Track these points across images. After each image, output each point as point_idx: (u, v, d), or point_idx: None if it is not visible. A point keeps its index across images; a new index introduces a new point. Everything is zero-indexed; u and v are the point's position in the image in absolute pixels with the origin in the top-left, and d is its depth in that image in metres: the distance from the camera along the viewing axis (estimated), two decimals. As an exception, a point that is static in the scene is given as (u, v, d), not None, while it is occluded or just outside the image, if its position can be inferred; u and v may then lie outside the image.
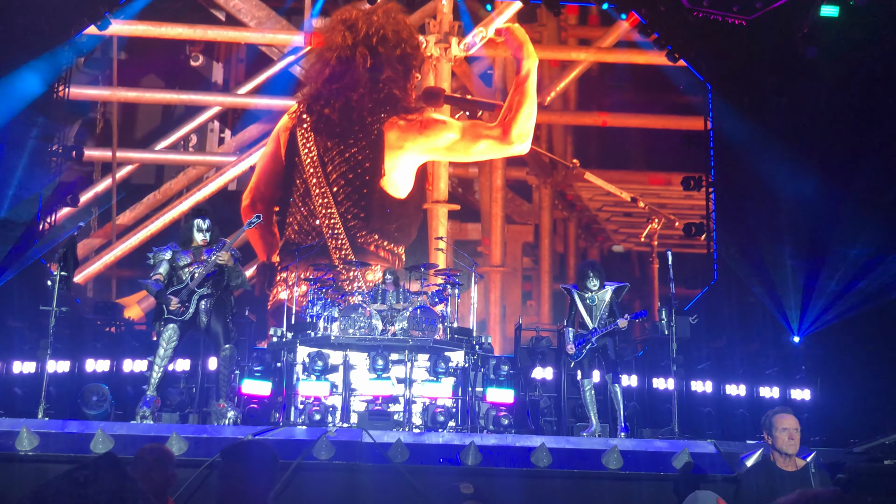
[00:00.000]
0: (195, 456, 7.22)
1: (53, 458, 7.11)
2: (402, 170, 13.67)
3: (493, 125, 13.94)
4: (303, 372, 9.47)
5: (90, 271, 14.50)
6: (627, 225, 16.24)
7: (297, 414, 9.32)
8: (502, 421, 9.32)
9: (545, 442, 7.67)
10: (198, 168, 15.52)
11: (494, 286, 15.11)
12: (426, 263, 11.03)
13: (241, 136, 15.60)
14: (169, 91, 15.77)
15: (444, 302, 10.05)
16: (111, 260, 14.62)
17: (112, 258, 14.61)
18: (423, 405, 9.49)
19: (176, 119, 16.13)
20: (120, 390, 10.12)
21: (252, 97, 15.38)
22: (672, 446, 7.98)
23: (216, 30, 15.16)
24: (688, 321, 10.10)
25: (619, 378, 9.22)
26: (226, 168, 14.98)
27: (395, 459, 7.40)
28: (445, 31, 14.55)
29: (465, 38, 14.58)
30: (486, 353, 9.94)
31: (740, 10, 11.58)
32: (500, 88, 15.43)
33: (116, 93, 15.09)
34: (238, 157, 15.03)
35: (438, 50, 14.47)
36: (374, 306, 9.71)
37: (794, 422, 5.33)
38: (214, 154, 15.82)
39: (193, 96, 15.55)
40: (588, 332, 9.20)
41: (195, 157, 15.83)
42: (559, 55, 15.98)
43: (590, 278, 9.30)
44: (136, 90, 15.51)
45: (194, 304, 8.47)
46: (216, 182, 14.90)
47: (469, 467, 7.47)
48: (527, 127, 13.90)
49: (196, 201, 14.28)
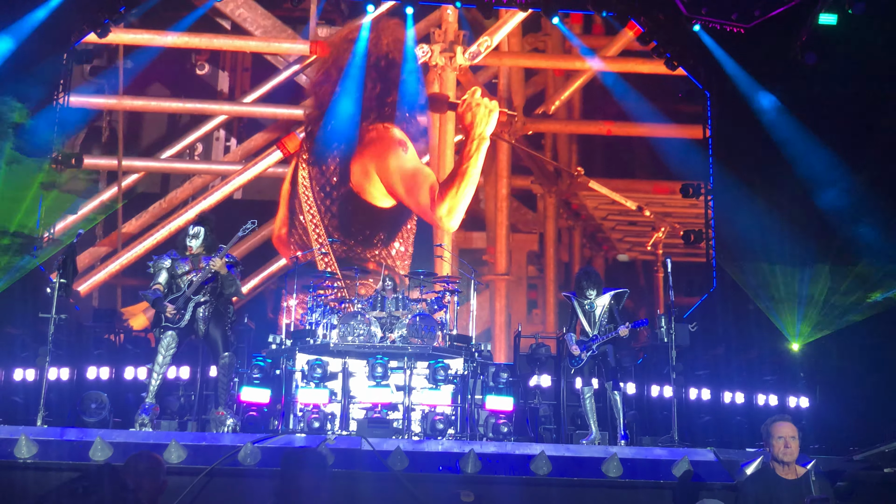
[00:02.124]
0: (194, 463, 7.25)
1: (52, 466, 7.14)
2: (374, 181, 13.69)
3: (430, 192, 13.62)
4: (302, 379, 9.48)
5: (95, 280, 14.56)
6: (632, 234, 16.23)
7: (296, 421, 9.33)
8: (502, 429, 9.30)
9: (545, 450, 7.68)
10: (203, 177, 15.57)
11: (499, 295, 15.12)
12: (425, 270, 11.05)
13: (247, 145, 15.65)
14: (174, 100, 15.82)
15: (443, 309, 10.06)
16: (116, 269, 14.67)
17: (117, 267, 14.66)
18: (423, 413, 9.49)
19: (181, 128, 16.20)
20: (121, 398, 10.15)
21: (258, 106, 15.43)
22: (672, 454, 7.97)
23: (222, 38, 15.21)
24: (687, 329, 10.09)
25: (618, 385, 9.21)
26: (231, 177, 15.02)
27: (394, 467, 7.41)
28: (450, 41, 14.61)
29: (469, 48, 14.62)
30: (485, 360, 9.93)
31: (739, 18, 11.61)
32: (505, 97, 15.46)
33: (122, 101, 15.15)
34: (243, 166, 15.09)
35: (443, 59, 14.53)
36: (374, 314, 9.73)
37: (790, 430, 5.32)
38: (220, 163, 15.87)
39: (199, 105, 15.61)
40: (589, 339, 9.21)
41: (200, 166, 15.86)
42: (561, 64, 15.99)
43: (585, 287, 9.32)
44: (142, 98, 15.58)
45: (190, 311, 8.51)
46: (222, 191, 14.93)
47: (468, 475, 7.48)
48: (459, 207, 13.53)
49: (201, 210, 14.32)
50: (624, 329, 9.02)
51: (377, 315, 9.73)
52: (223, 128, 16.18)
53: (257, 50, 15.50)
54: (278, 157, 14.77)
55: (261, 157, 15.00)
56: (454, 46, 14.55)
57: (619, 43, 15.16)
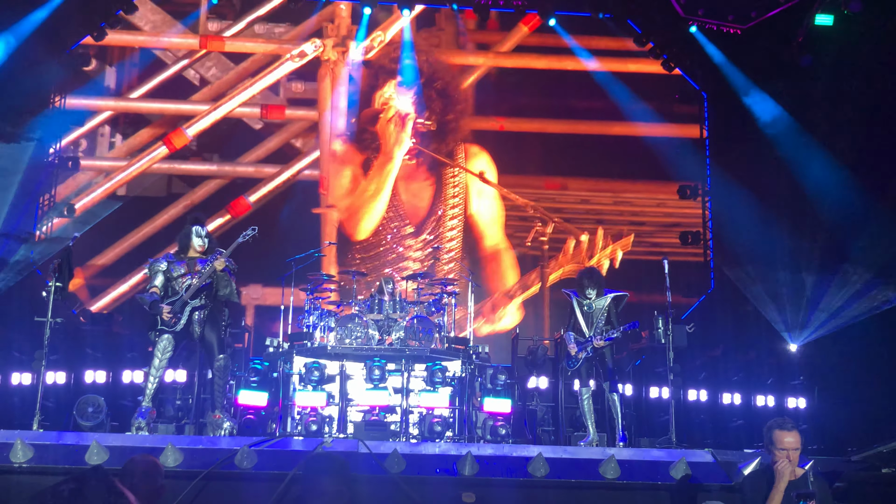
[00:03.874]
0: (190, 467, 7.22)
1: (48, 471, 7.07)
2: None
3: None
4: (299, 382, 9.46)
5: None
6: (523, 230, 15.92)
7: (294, 424, 9.31)
8: (499, 431, 9.29)
9: (542, 452, 7.65)
10: (87, 173, 14.87)
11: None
12: (422, 272, 11.02)
13: (132, 141, 15.14)
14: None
15: (440, 311, 10.04)
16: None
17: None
18: (420, 415, 9.47)
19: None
20: (118, 401, 10.12)
21: (145, 101, 15.06)
22: (669, 455, 7.95)
23: (110, 34, 14.13)
24: (684, 330, 10.09)
25: (616, 387, 9.20)
26: (115, 173, 14.64)
27: (391, 470, 7.38)
28: (343, 35, 14.52)
29: (363, 42, 14.48)
30: (482, 362, 9.92)
31: (735, 19, 11.62)
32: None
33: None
34: (128, 162, 14.72)
35: (336, 54, 14.49)
36: (371, 316, 9.71)
37: (794, 441, 5.17)
38: (104, 159, 15.20)
39: (86, 100, 14.85)
40: (585, 340, 9.19)
41: (85, 163, 14.80)
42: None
43: (586, 286, 9.30)
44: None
45: (186, 315, 8.47)
46: (105, 187, 14.51)
47: (466, 477, 7.45)
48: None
49: (83, 206, 14.08)
50: (617, 333, 9.00)
51: (375, 317, 9.71)
52: (108, 123, 15.67)
53: (146, 45, 15.12)
54: (164, 153, 14.56)
55: (145, 152, 14.67)
56: (347, 41, 14.49)
57: (513, 39, 14.95)
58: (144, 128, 15.21)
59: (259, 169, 14.75)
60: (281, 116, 14.75)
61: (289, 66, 14.70)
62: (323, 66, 14.57)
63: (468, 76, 15.26)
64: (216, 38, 14.78)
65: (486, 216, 14.39)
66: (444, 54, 14.87)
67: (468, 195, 14.45)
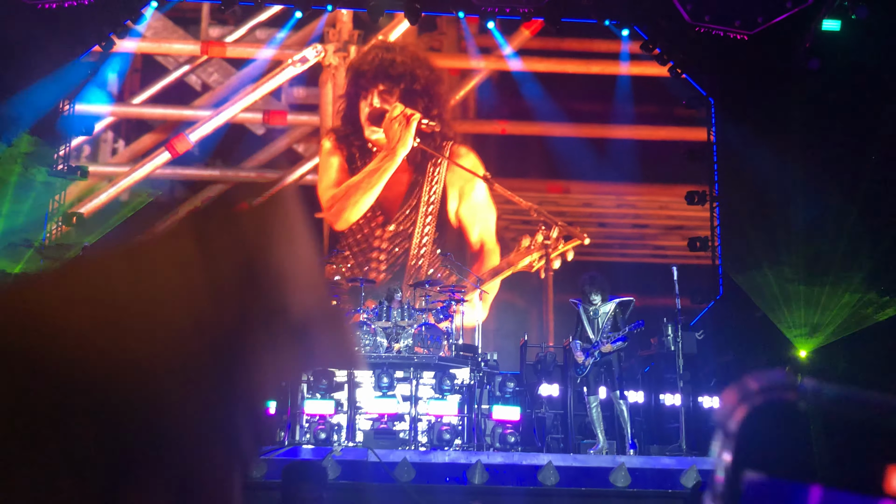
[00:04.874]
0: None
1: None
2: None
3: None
4: (308, 390, 9.41)
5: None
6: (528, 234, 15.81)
7: (302, 432, 9.25)
8: (508, 438, 9.24)
9: (552, 460, 7.62)
10: (90, 179, 14.64)
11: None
12: (430, 280, 10.97)
13: (135, 147, 15.11)
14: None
15: (449, 319, 10.00)
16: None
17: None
18: (429, 423, 9.41)
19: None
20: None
21: (147, 107, 15.05)
22: (680, 463, 7.93)
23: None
24: (694, 337, 10.04)
25: (625, 394, 9.16)
26: (118, 179, 14.62)
27: (400, 479, 7.35)
28: (345, 40, 14.50)
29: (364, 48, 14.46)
30: (491, 370, 9.87)
31: (742, 24, 11.59)
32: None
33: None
34: (131, 168, 14.71)
35: (337, 59, 14.47)
36: (379, 324, 9.67)
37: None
38: (107, 164, 15.12)
39: (87, 106, 14.67)
40: (591, 346, 9.15)
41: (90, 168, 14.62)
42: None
43: (588, 292, 9.27)
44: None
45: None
46: (108, 193, 14.50)
47: (476, 486, 7.43)
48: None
49: (87, 212, 14.07)
50: (621, 342, 8.97)
51: (383, 325, 9.67)
52: (111, 129, 15.76)
53: (148, 51, 15.12)
54: (167, 159, 14.55)
55: (148, 158, 14.65)
56: (348, 46, 14.47)
57: (514, 42, 14.89)
58: (147, 133, 15.21)
59: (261, 174, 14.71)
60: (283, 122, 14.72)
61: (291, 72, 14.68)
62: (325, 71, 14.54)
63: (470, 80, 15.27)
64: (218, 43, 14.76)
65: (474, 217, 14.26)
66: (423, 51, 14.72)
67: (447, 195, 14.36)
